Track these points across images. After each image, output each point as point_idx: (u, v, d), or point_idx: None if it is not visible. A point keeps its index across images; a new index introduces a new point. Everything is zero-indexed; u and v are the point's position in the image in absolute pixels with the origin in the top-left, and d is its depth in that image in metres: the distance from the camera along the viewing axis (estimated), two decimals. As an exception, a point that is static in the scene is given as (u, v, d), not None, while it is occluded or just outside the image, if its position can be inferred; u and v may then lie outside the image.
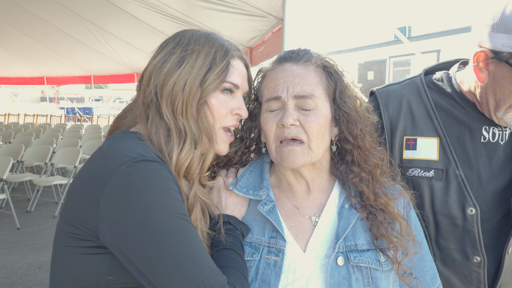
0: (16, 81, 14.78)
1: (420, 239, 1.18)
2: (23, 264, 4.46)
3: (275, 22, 4.93)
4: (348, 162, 1.14)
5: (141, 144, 0.95)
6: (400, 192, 1.18)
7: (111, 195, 0.86)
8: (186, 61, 1.03)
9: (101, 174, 0.89)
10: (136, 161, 0.88)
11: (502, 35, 1.13)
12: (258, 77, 1.20)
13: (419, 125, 1.36)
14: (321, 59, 1.15)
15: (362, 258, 1.06)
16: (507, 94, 1.20)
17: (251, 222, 1.13)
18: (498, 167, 1.33)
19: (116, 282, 0.93)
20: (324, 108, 1.09)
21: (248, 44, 6.50)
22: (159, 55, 1.05)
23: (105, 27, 8.23)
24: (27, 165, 7.61)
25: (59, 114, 18.78)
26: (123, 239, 0.86)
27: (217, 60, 1.05)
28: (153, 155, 0.93)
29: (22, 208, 6.46)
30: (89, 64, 11.91)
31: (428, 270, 1.19)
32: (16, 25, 9.65)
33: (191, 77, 1.02)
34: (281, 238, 1.08)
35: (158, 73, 1.02)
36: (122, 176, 0.86)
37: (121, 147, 0.92)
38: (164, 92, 1.01)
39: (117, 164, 0.88)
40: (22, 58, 12.21)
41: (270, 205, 1.11)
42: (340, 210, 1.12)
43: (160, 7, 5.95)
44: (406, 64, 15.51)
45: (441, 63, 1.50)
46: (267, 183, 1.16)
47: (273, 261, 1.06)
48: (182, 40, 1.06)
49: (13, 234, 5.40)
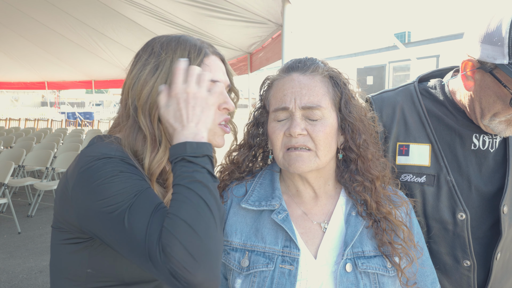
0: (17, 86, 14.82)
1: (422, 245, 1.21)
2: (24, 268, 4.48)
3: (274, 28, 4.98)
4: (352, 171, 1.16)
5: (110, 145, 1.01)
6: (403, 200, 1.20)
7: (76, 187, 0.95)
8: (160, 68, 1.03)
9: (72, 173, 0.98)
10: (98, 159, 0.95)
11: (487, 46, 1.16)
12: (264, 85, 1.22)
13: (412, 131, 1.39)
14: (327, 69, 1.16)
15: (369, 264, 1.09)
16: (491, 103, 1.23)
17: (263, 230, 1.13)
18: (488, 174, 1.36)
19: (95, 276, 1.00)
20: (330, 117, 1.11)
21: (248, 50, 6.55)
22: (135, 68, 1.06)
23: (106, 33, 8.28)
24: (28, 170, 7.63)
25: (60, 119, 18.79)
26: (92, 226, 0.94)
27: (192, 61, 1.05)
28: (117, 154, 0.98)
29: (23, 213, 6.47)
30: (89, 69, 11.96)
31: (429, 275, 1.22)
32: (18, 30, 9.70)
33: (168, 82, 1.01)
34: (295, 247, 1.09)
35: (136, 85, 1.04)
36: (84, 173, 0.94)
37: (92, 149, 1.00)
38: (140, 101, 1.02)
39: (85, 162, 0.95)
40: (23, 63, 12.25)
41: (284, 214, 1.12)
42: (347, 218, 1.14)
43: (161, 13, 6.00)
44: (405, 69, 15.56)
45: (436, 70, 1.53)
46: (279, 192, 1.17)
47: (288, 270, 1.07)
48: (154, 48, 1.07)
49: (14, 238, 5.42)
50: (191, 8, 5.37)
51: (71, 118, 21.31)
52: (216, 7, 5.07)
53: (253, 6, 4.70)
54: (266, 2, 4.37)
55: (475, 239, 1.35)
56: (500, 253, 1.36)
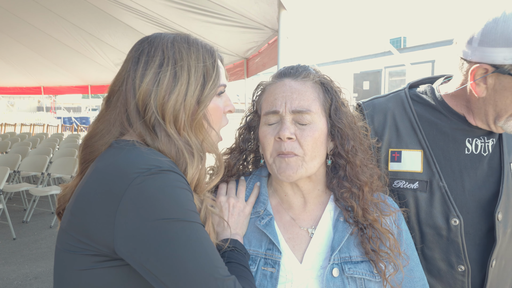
0: (13, 90, 14.77)
1: (410, 253, 1.21)
2: (19, 275, 4.45)
3: (271, 34, 5.00)
4: (341, 177, 1.17)
5: (153, 153, 0.93)
6: (391, 210, 1.21)
7: (127, 208, 0.85)
8: (181, 77, 1.01)
9: (113, 189, 0.87)
10: (152, 173, 0.87)
11: (503, 49, 1.17)
12: (257, 90, 1.24)
13: (404, 137, 1.40)
14: (319, 75, 1.19)
15: (356, 269, 1.09)
16: (508, 104, 1.24)
17: (250, 234, 1.16)
18: (482, 178, 1.37)
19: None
20: (320, 122, 1.13)
21: (244, 55, 6.57)
22: (148, 75, 1.00)
23: (102, 38, 8.29)
24: (23, 175, 7.60)
25: (55, 124, 18.76)
26: (141, 251, 0.85)
27: (209, 67, 1.05)
28: (168, 165, 0.91)
29: (18, 218, 6.44)
30: (86, 74, 11.95)
31: (418, 281, 1.22)
32: (14, 35, 9.70)
33: (190, 91, 1.01)
34: (276, 250, 1.11)
35: (155, 94, 0.99)
36: (139, 189, 0.85)
37: (131, 159, 0.90)
38: (166, 112, 0.99)
39: (132, 177, 0.86)
40: (19, 68, 12.23)
41: (267, 219, 1.15)
42: (335, 223, 1.16)
43: (157, 18, 6.01)
44: (401, 74, 15.64)
45: (426, 78, 1.54)
46: (264, 198, 1.20)
47: (270, 273, 1.09)
48: (165, 52, 1.02)
49: (9, 244, 5.39)
50: (187, 13, 5.38)
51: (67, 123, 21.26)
52: (213, 12, 5.09)
53: (249, 12, 4.72)
54: (262, 8, 4.39)
55: (471, 245, 1.35)
56: (496, 260, 1.36)
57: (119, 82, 1.04)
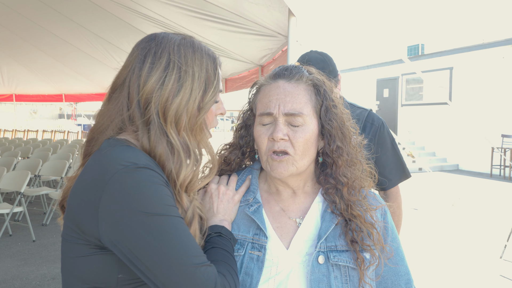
0: (36, 98, 15.17)
1: (396, 246, 1.25)
2: (38, 275, 4.58)
3: (284, 41, 5.05)
4: (328, 174, 1.22)
5: (132, 150, 1.00)
6: (378, 204, 1.25)
7: (108, 201, 0.93)
8: (185, 83, 1.06)
9: (98, 182, 0.95)
10: (128, 170, 0.94)
11: None
12: (253, 89, 1.29)
13: None
14: (312, 78, 1.23)
15: (341, 257, 1.14)
16: None
17: (239, 221, 1.22)
18: None
19: (126, 279, 0.99)
20: (311, 124, 1.18)
21: (259, 62, 6.64)
22: (153, 76, 1.04)
23: (121, 46, 8.48)
24: (44, 180, 7.79)
25: (76, 131, 19.14)
26: (122, 241, 0.93)
27: (211, 75, 1.11)
28: (145, 161, 0.98)
29: (38, 221, 6.62)
30: (105, 81, 12.08)
31: (403, 275, 1.25)
32: (37, 44, 10.00)
33: (192, 97, 1.06)
34: (263, 235, 1.16)
35: (158, 95, 1.03)
36: (118, 184, 0.93)
37: (113, 155, 0.97)
38: (169, 113, 1.03)
39: (112, 172, 0.94)
40: (41, 76, 12.58)
41: (256, 206, 1.21)
42: (323, 214, 1.21)
43: (174, 27, 6.14)
44: (419, 81, 15.49)
45: None
46: (254, 187, 1.26)
47: (256, 256, 1.14)
48: (171, 55, 1.06)
49: (28, 246, 5.55)
50: (203, 21, 5.49)
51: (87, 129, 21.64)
52: (228, 20, 5.19)
53: (262, 20, 4.80)
54: (274, 15, 4.47)
55: None
56: None
57: (123, 77, 1.09)
